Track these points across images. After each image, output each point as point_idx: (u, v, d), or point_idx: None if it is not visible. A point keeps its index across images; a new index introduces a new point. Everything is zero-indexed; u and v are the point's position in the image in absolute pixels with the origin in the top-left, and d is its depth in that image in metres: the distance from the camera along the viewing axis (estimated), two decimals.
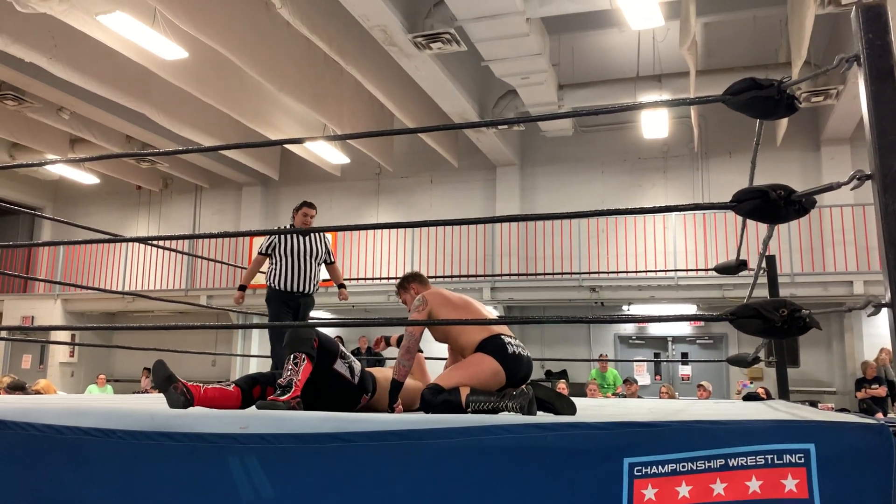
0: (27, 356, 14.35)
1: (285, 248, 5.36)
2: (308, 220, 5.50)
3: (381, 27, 8.33)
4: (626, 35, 11.17)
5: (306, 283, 5.38)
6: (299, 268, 5.33)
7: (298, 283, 5.35)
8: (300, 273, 5.33)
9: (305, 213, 5.52)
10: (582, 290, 11.65)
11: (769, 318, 1.85)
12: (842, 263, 10.71)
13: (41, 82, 9.78)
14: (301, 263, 5.35)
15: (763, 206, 1.92)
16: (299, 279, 5.34)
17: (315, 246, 5.46)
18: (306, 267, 5.37)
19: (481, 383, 2.94)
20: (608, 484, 1.75)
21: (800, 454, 1.66)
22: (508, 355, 3.03)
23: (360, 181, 14.42)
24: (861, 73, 1.76)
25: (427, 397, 2.88)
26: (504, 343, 3.06)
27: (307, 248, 5.41)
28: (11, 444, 2.24)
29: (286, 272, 5.33)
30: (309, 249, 5.41)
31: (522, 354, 3.12)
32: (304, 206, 5.56)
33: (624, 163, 13.00)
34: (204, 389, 2.96)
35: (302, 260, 5.36)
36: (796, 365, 11.34)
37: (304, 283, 5.37)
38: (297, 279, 5.32)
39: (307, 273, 5.37)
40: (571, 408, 2.95)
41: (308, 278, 5.38)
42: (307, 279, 5.38)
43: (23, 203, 14.90)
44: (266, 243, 5.50)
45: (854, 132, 11.29)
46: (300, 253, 5.36)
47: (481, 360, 3.01)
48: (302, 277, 5.35)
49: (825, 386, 11.54)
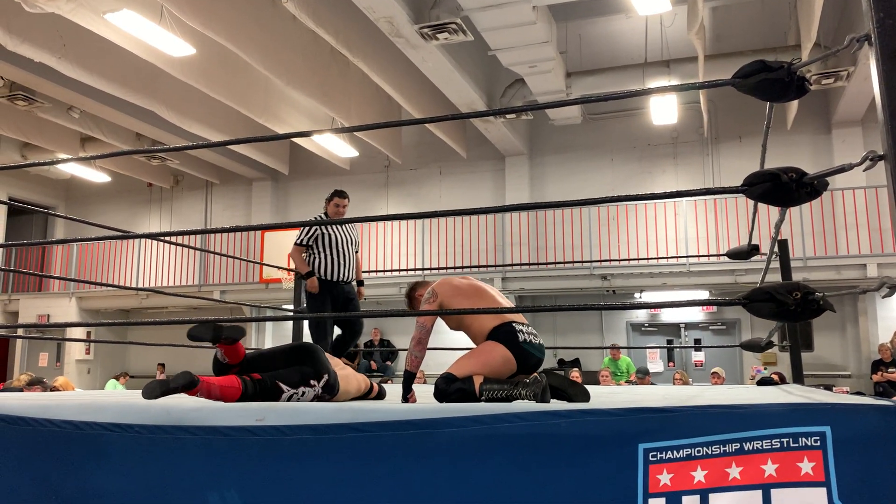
0: (44, 354, 14.48)
1: (324, 239, 5.40)
2: (341, 209, 5.53)
3: (387, 18, 8.31)
4: (633, 21, 11.10)
5: (348, 272, 5.46)
6: (340, 256, 5.39)
7: (341, 271, 5.40)
8: (342, 262, 5.40)
9: (337, 204, 5.54)
10: (593, 279, 11.62)
11: (782, 302, 1.84)
12: (855, 246, 10.63)
13: (51, 82, 9.82)
14: (341, 252, 5.41)
15: (774, 189, 1.91)
16: (342, 268, 5.40)
17: (351, 234, 5.55)
18: (346, 255, 5.44)
19: (493, 371, 2.94)
20: (623, 470, 1.76)
21: (816, 437, 1.66)
22: (519, 343, 3.03)
23: (370, 174, 14.43)
24: (872, 53, 1.74)
25: (441, 386, 2.89)
26: (515, 330, 3.06)
27: (345, 237, 5.48)
28: (31, 439, 2.27)
29: (329, 262, 5.37)
30: (347, 238, 5.49)
31: (534, 342, 3.11)
32: (336, 196, 5.56)
33: (633, 150, 12.93)
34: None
35: (342, 249, 5.42)
36: (810, 349, 11.29)
37: (346, 272, 5.45)
38: (339, 268, 5.38)
39: (347, 261, 5.45)
40: (585, 395, 2.95)
41: (349, 266, 5.46)
42: (348, 267, 5.45)
43: (35, 202, 15.01)
44: (305, 234, 5.49)
45: (866, 114, 11.18)
46: (339, 242, 5.42)
47: (492, 348, 3.02)
48: (344, 266, 5.42)
49: (840, 370, 11.47)
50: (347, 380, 3.49)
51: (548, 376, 2.89)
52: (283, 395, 3.08)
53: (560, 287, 12.04)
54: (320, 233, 5.43)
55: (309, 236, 5.46)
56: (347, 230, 5.54)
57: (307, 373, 3.19)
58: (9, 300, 14.74)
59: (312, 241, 5.44)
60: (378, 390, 3.80)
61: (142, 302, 14.05)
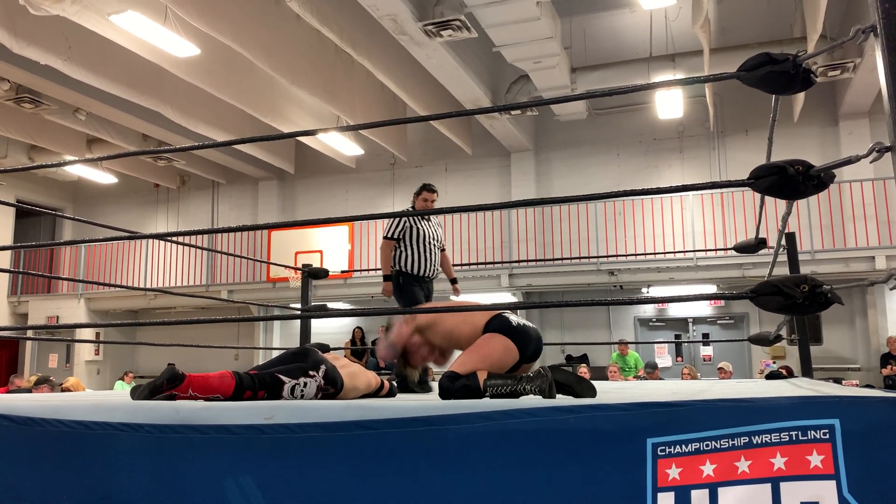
0: (53, 355, 14.57)
1: (412, 234, 5.24)
2: (429, 204, 5.36)
3: (391, 16, 8.31)
4: (637, 15, 11.06)
5: (433, 268, 5.32)
6: (426, 252, 5.25)
7: (428, 267, 5.26)
8: (428, 258, 5.26)
9: (426, 199, 5.37)
10: (600, 274, 11.61)
11: (790, 295, 1.83)
12: (863, 238, 10.59)
13: (57, 84, 9.86)
14: (428, 248, 5.26)
15: (781, 181, 1.90)
16: (429, 264, 5.26)
17: (436, 231, 5.39)
18: (432, 252, 5.29)
19: (496, 362, 2.93)
20: (632, 465, 1.76)
21: (824, 430, 1.66)
22: (515, 328, 3.02)
23: (376, 172, 14.44)
24: (878, 44, 1.73)
25: (445, 384, 2.87)
26: (508, 318, 3.07)
27: (432, 232, 5.31)
28: (42, 440, 2.29)
29: (418, 257, 5.22)
30: (433, 235, 5.33)
31: (529, 327, 3.10)
32: (424, 191, 5.39)
33: (639, 144, 12.90)
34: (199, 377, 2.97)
35: (428, 245, 5.27)
36: (819, 342, 11.25)
37: (433, 268, 5.31)
38: (427, 264, 5.24)
39: (433, 258, 5.30)
40: (591, 391, 2.95)
41: (434, 263, 5.32)
42: (433, 265, 5.32)
43: (43, 204, 15.07)
44: (394, 228, 5.30)
45: (873, 105, 11.12)
46: (426, 238, 5.26)
47: (490, 339, 3.00)
48: (430, 262, 5.28)
49: (849, 363, 11.43)
50: (354, 376, 3.50)
51: (553, 372, 2.88)
52: (284, 387, 3.09)
53: (567, 283, 12.03)
54: (408, 227, 5.23)
55: (399, 230, 5.26)
56: (434, 227, 5.37)
57: (303, 366, 3.24)
58: (18, 302, 14.83)
59: (401, 235, 5.25)
60: (389, 388, 3.81)
61: (150, 302, 14.11)
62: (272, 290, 13.32)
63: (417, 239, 5.20)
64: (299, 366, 3.26)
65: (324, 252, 12.96)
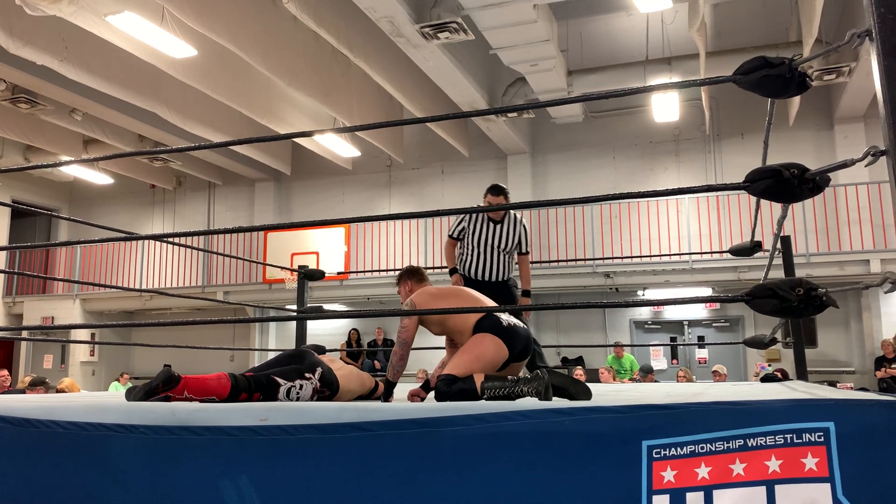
0: (48, 356, 14.53)
1: (471, 236, 5.06)
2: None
3: (388, 18, 8.31)
4: (634, 18, 11.09)
5: (493, 272, 5.05)
6: (484, 257, 5.03)
7: (485, 271, 5.04)
8: (485, 263, 5.03)
9: (490, 203, 5.01)
10: (596, 277, 11.62)
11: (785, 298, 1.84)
12: (858, 242, 10.62)
13: (53, 84, 9.84)
14: (486, 253, 5.03)
15: (776, 185, 1.91)
16: (485, 268, 5.04)
17: (502, 237, 5.04)
18: (492, 257, 5.03)
19: (488, 361, 3.00)
20: (627, 467, 1.76)
21: (819, 433, 1.66)
22: (504, 328, 3.10)
23: (372, 174, 14.44)
24: (874, 49, 1.74)
25: (441, 388, 2.90)
26: (498, 318, 3.14)
27: (494, 238, 5.02)
28: (36, 441, 2.28)
29: (472, 260, 5.07)
30: (496, 240, 5.02)
31: (518, 326, 3.17)
32: (489, 193, 5.06)
33: (635, 147, 12.93)
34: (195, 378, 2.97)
35: (487, 249, 5.02)
36: (814, 345, 11.22)
37: (491, 273, 5.05)
38: (480, 267, 5.04)
39: (492, 263, 5.03)
40: (587, 393, 2.96)
41: (494, 268, 5.04)
42: (493, 269, 5.04)
43: (39, 205, 15.03)
44: (453, 227, 5.20)
45: (868, 109, 11.17)
46: (486, 243, 5.02)
47: (481, 340, 3.07)
48: (487, 267, 5.03)
49: (843, 366, 11.46)
50: (349, 378, 3.51)
51: (550, 374, 2.89)
52: (280, 389, 3.10)
53: (563, 285, 12.04)
54: (468, 229, 5.07)
55: (457, 229, 5.14)
56: (501, 232, 5.04)
57: (299, 368, 3.26)
58: (13, 302, 14.78)
59: (461, 235, 5.10)
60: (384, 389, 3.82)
61: (145, 303, 14.09)
62: (268, 291, 13.31)
63: (477, 243, 5.03)
64: (295, 368, 3.27)
65: (320, 253, 12.96)
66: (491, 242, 5.01)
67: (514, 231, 5.04)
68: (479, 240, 5.02)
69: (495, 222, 5.02)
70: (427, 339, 3.79)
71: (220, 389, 2.93)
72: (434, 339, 3.76)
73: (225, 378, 2.97)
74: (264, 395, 3.04)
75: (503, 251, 5.02)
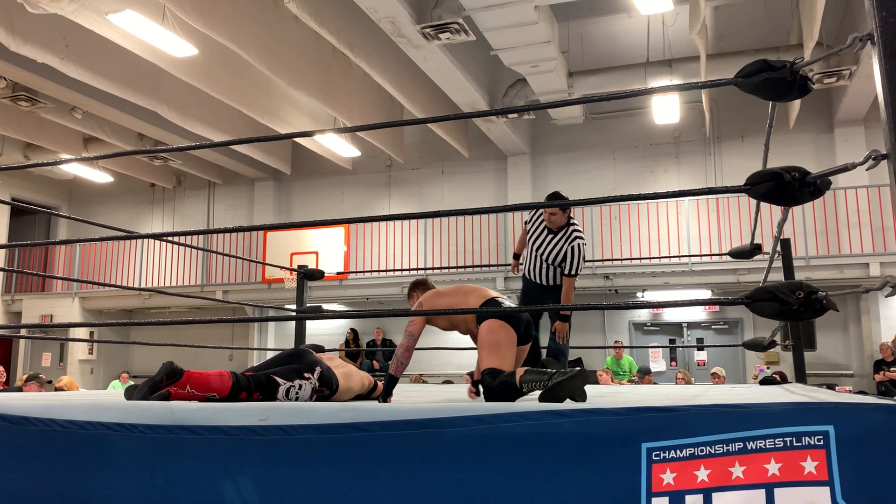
0: (47, 354, 14.52)
1: (529, 235, 5.01)
2: (552, 217, 4.82)
3: (390, 19, 8.32)
4: (635, 20, 11.10)
5: (540, 278, 4.98)
6: (533, 261, 4.98)
7: (533, 274, 5.01)
8: (534, 267, 4.99)
9: (548, 214, 4.86)
10: (596, 278, 11.63)
11: (785, 301, 1.84)
12: (857, 245, 10.63)
13: (53, 82, 9.84)
14: (534, 258, 4.97)
15: (777, 188, 1.91)
16: (533, 271, 5.00)
17: (552, 250, 4.83)
18: (537, 262, 4.96)
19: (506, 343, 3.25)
20: (626, 469, 1.76)
21: (819, 436, 1.66)
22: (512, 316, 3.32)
23: (372, 174, 14.44)
24: (875, 52, 1.74)
25: (486, 381, 3.04)
26: (499, 303, 3.39)
27: (543, 247, 4.90)
28: (35, 440, 2.28)
29: (525, 259, 5.08)
30: (546, 249, 4.89)
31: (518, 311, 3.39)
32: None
33: (635, 149, 12.93)
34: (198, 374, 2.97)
35: (536, 255, 4.95)
36: (813, 348, 11.26)
37: (539, 277, 4.98)
38: (532, 270, 5.01)
39: (539, 269, 4.96)
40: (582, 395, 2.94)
41: (542, 274, 4.96)
42: (540, 274, 4.96)
43: (38, 203, 15.03)
44: (528, 218, 5.12)
45: (868, 113, 11.17)
46: (536, 249, 4.94)
47: (490, 328, 3.27)
48: (535, 271, 4.98)
49: (842, 369, 11.47)
50: (349, 377, 3.51)
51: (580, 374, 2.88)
52: (280, 389, 3.11)
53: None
54: (530, 228, 5.01)
55: (528, 223, 5.08)
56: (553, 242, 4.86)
57: (298, 368, 3.28)
58: (12, 300, 14.78)
59: (526, 226, 5.06)
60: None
61: (144, 302, 14.08)
62: (267, 290, 13.31)
63: (529, 242, 5.00)
64: (294, 367, 3.27)
65: (319, 253, 12.95)
66: (540, 250, 4.91)
67: (562, 249, 4.81)
68: (532, 243, 4.97)
69: (551, 232, 4.87)
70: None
71: (222, 387, 2.93)
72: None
73: (227, 376, 2.97)
74: (263, 394, 3.04)
75: (549, 263, 4.89)
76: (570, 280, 4.81)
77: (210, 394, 2.90)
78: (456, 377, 11.32)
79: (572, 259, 4.76)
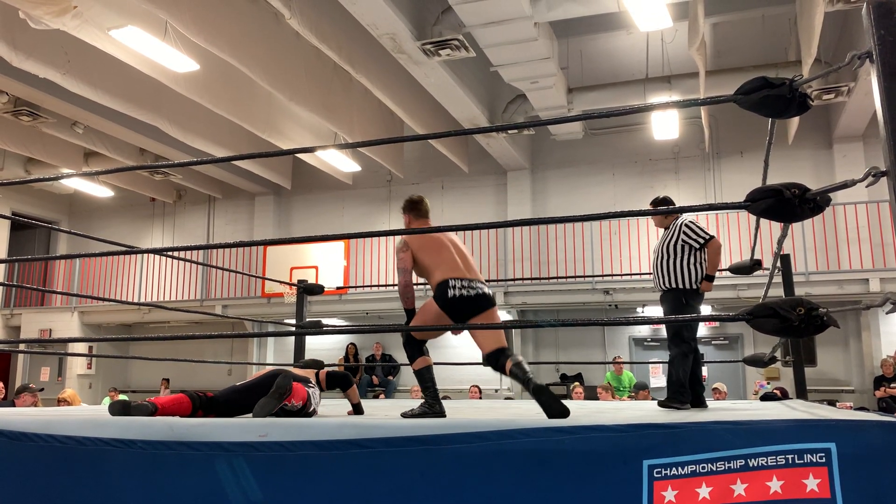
0: (46, 368, 14.46)
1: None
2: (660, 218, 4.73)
3: (390, 35, 8.36)
4: (634, 37, 11.15)
5: (656, 278, 4.84)
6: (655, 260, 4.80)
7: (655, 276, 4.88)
8: (654, 266, 4.83)
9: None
10: (595, 293, 11.61)
11: (786, 318, 1.84)
12: (857, 261, 10.62)
13: (55, 97, 9.88)
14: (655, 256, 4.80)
15: (778, 205, 1.91)
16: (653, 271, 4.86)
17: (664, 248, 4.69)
18: (656, 260, 4.76)
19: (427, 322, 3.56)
20: (628, 486, 1.75)
21: (821, 454, 1.65)
22: (448, 300, 3.46)
23: (372, 188, 14.46)
24: (874, 70, 1.75)
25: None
26: (447, 287, 3.49)
27: (661, 246, 4.73)
28: (34, 455, 2.27)
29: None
30: (659, 249, 4.74)
31: (468, 294, 3.50)
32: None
33: (635, 164, 12.96)
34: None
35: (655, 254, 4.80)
36: (813, 364, 11.22)
37: (656, 277, 4.85)
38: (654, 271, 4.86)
39: (656, 266, 4.77)
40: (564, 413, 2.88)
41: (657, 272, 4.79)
42: (656, 272, 4.80)
43: (39, 217, 15.03)
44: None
45: (867, 129, 11.21)
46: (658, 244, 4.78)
47: (427, 308, 3.56)
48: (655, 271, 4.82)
49: (843, 385, 11.43)
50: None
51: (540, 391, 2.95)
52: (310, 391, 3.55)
53: (562, 302, 12.02)
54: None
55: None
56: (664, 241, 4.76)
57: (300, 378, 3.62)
58: (11, 315, 14.75)
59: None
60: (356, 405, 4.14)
61: (144, 316, 14.05)
62: (267, 305, 13.29)
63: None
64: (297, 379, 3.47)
65: (319, 268, 12.94)
66: (657, 251, 4.78)
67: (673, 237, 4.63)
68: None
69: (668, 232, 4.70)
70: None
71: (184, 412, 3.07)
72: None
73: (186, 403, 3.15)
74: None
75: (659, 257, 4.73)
76: (710, 245, 4.58)
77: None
78: (454, 392, 11.27)
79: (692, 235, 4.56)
